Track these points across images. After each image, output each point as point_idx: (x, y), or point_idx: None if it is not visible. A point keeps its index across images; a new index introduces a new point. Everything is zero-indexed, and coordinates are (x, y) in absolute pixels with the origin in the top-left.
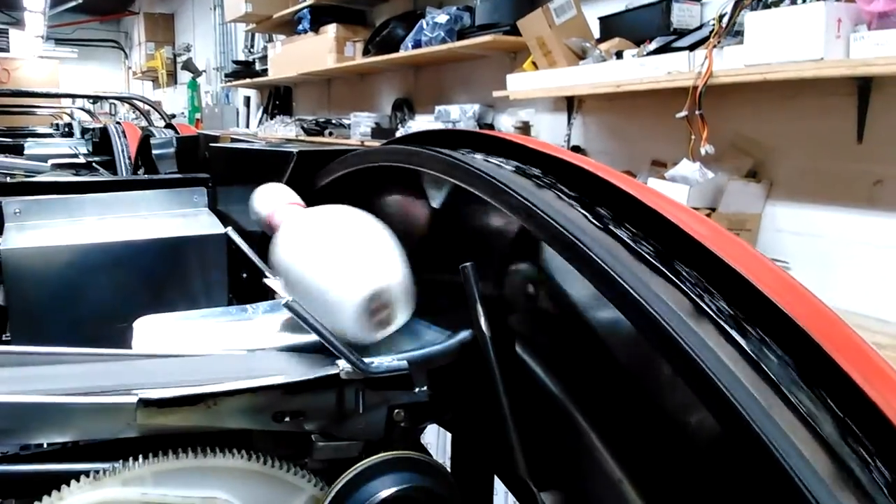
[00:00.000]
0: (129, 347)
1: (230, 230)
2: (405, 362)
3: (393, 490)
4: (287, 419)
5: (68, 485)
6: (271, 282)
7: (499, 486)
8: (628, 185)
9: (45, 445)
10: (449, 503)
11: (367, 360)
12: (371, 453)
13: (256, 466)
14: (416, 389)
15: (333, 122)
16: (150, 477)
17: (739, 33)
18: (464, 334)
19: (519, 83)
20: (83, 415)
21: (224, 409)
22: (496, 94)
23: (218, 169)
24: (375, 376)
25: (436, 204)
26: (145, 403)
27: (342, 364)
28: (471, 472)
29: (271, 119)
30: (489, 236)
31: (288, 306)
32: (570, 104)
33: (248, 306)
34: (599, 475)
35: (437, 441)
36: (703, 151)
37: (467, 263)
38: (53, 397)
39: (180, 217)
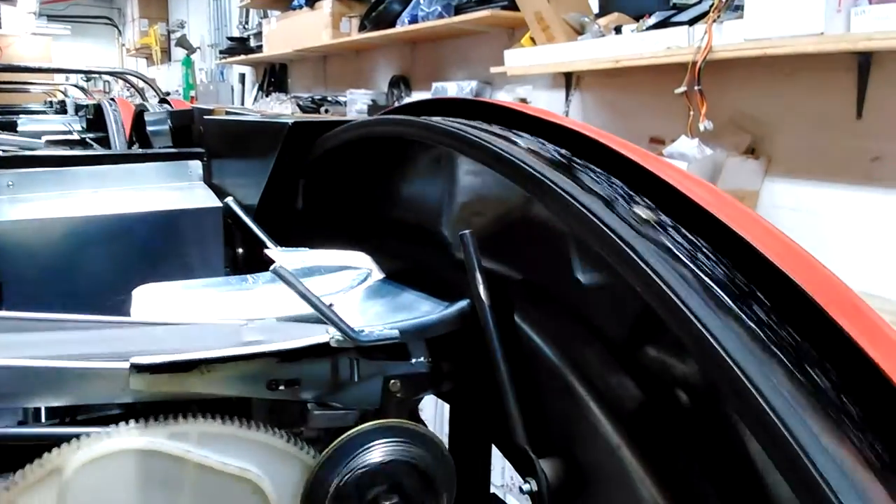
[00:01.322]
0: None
1: (230, 200)
2: (397, 331)
3: (384, 457)
4: (282, 388)
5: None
6: (272, 252)
7: (496, 463)
8: (636, 154)
9: (42, 410)
10: (441, 472)
11: (357, 328)
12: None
13: (292, 449)
14: (413, 360)
15: (329, 99)
16: (195, 436)
17: (739, 7)
18: (461, 304)
19: (517, 59)
20: (77, 379)
21: (217, 375)
22: (494, 70)
23: (212, 142)
24: (367, 345)
25: (432, 173)
26: (138, 369)
27: (333, 332)
28: (469, 442)
29: (267, 96)
30: (489, 205)
31: (276, 272)
32: (569, 80)
33: (248, 276)
34: (598, 441)
35: (434, 415)
36: (701, 128)
37: (466, 231)
38: (48, 361)
39: (175, 190)
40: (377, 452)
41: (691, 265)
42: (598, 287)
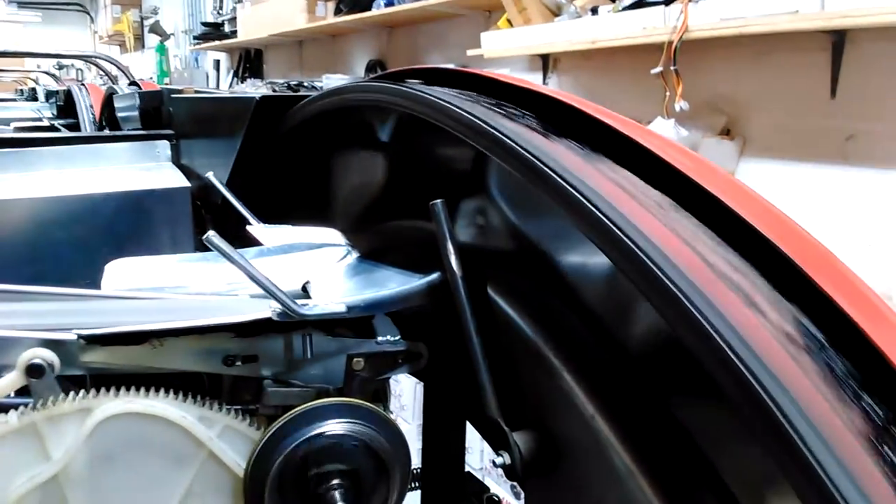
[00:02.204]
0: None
1: (211, 175)
2: (343, 306)
3: (327, 437)
4: (239, 363)
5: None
6: (254, 229)
7: (476, 446)
8: (610, 118)
9: None
10: (390, 452)
11: (301, 302)
12: None
13: None
14: (379, 338)
15: (305, 84)
16: (220, 427)
17: None
18: (427, 278)
19: (494, 41)
20: (27, 348)
21: (170, 349)
22: (470, 53)
23: (181, 121)
24: (312, 319)
25: (402, 142)
26: (87, 340)
27: (274, 306)
28: (443, 420)
29: (242, 82)
30: (461, 174)
31: (210, 242)
32: (546, 63)
33: None
34: (571, 412)
35: (412, 401)
36: (677, 108)
37: (437, 201)
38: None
39: (143, 171)
40: (321, 431)
41: (672, 232)
42: (571, 258)
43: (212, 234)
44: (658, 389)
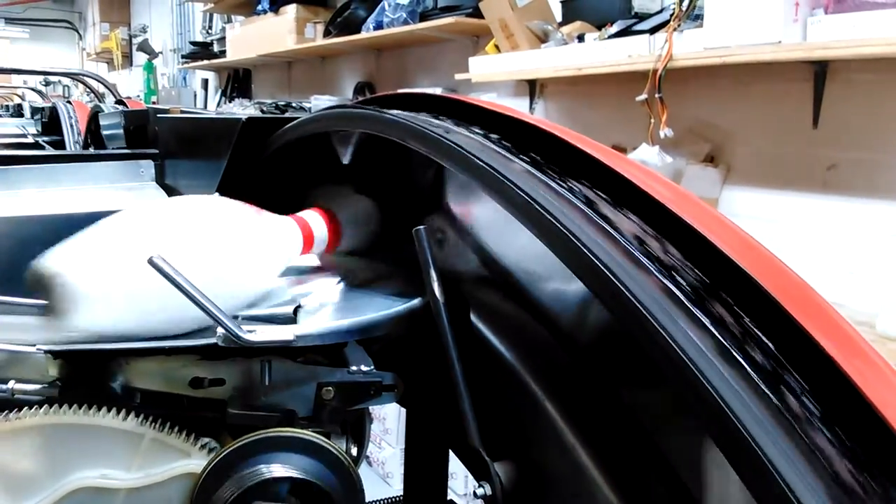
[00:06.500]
0: None
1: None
2: (291, 335)
3: (269, 471)
4: (206, 386)
5: None
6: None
7: (461, 472)
8: (591, 147)
9: None
10: (338, 490)
11: (248, 328)
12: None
13: None
14: (352, 367)
15: (294, 105)
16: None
17: (699, 17)
18: (409, 304)
19: (481, 66)
20: None
21: (141, 368)
22: (458, 77)
23: (166, 141)
24: (257, 346)
25: (385, 168)
26: (54, 355)
27: (220, 331)
28: (426, 448)
29: (230, 102)
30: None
31: (153, 264)
32: (532, 88)
33: None
34: (553, 442)
35: (397, 425)
36: (662, 135)
37: (420, 227)
38: None
39: (125, 190)
40: (266, 464)
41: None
42: (555, 288)
43: (156, 257)
44: (644, 422)
